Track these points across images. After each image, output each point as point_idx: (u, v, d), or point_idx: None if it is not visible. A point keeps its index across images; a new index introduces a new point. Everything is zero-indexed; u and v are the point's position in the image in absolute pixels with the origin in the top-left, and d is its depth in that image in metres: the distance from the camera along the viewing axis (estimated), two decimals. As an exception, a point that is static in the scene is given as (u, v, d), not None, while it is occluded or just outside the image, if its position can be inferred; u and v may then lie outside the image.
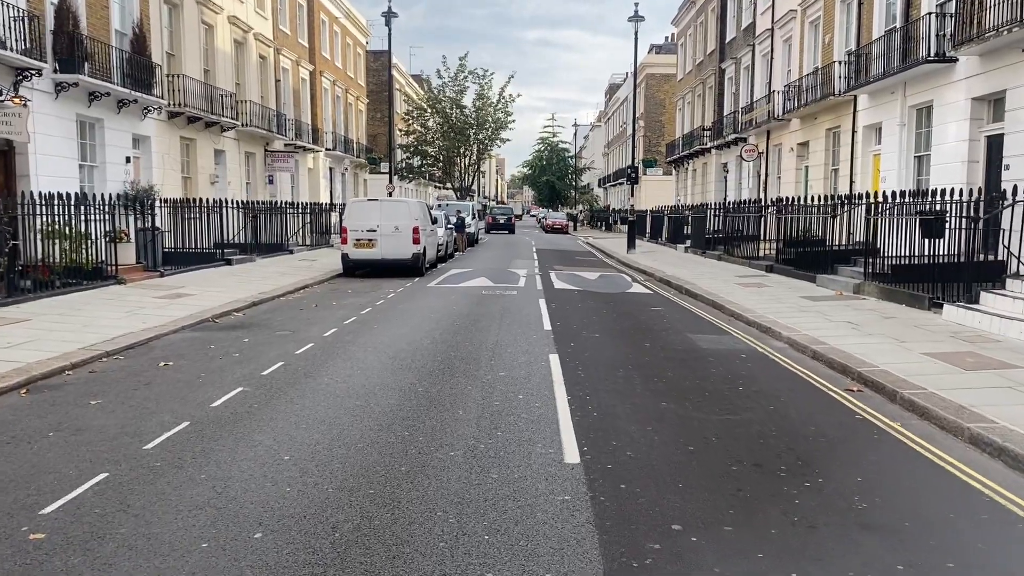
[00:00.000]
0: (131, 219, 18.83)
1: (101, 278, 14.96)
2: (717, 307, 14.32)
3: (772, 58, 29.05)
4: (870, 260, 14.89)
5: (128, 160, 20.14)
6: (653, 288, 18.22)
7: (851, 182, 21.65)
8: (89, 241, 14.92)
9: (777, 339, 10.89)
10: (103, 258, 15.49)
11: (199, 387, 7.77)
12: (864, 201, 15.67)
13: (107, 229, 16.02)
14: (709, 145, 37.19)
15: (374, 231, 19.52)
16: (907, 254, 13.87)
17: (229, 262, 20.41)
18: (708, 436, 6.28)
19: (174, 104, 22.48)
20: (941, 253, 12.67)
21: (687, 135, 42.55)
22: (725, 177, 35.74)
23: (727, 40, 36.07)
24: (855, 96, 21.41)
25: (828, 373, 8.74)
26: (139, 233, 18.78)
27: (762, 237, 21.99)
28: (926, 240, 13.25)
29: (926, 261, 13.25)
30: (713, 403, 7.34)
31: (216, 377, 8.22)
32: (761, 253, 21.73)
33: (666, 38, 64.51)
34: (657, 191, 50.67)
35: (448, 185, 57.33)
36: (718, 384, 8.13)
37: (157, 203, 19.82)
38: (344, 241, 19.78)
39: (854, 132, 21.69)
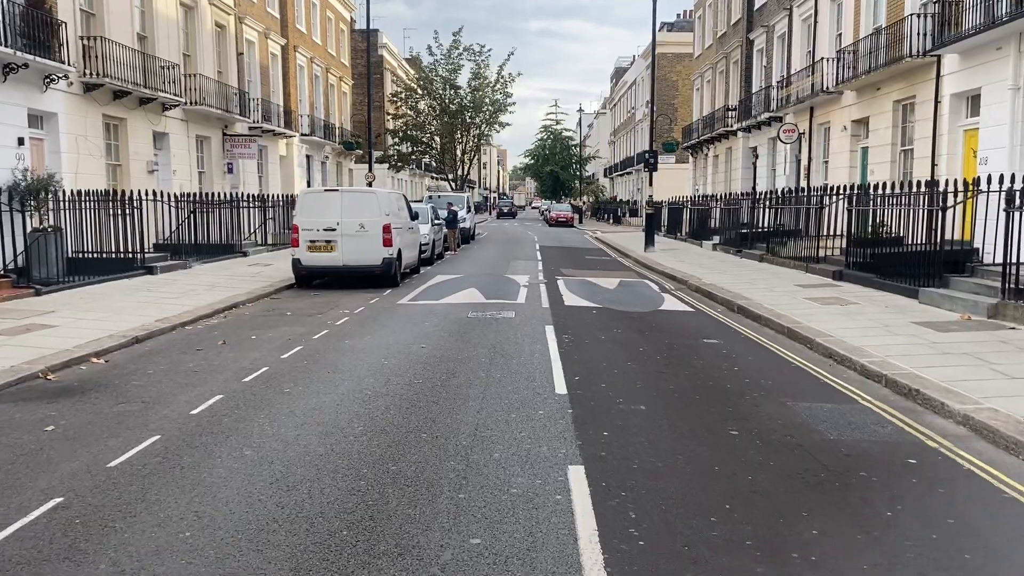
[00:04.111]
0: (21, 216, 14.71)
1: (-69, 301, 10.72)
2: (797, 338, 10.04)
3: (816, 21, 24.64)
4: (1011, 271, 10.59)
5: (21, 142, 15.84)
6: (692, 303, 13.95)
7: (932, 165, 17.27)
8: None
9: (939, 414, 6.61)
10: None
11: None
12: (998, 188, 11.34)
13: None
14: (735, 127, 32.79)
15: (333, 230, 15.23)
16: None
17: (151, 270, 16.12)
18: None
19: (92, 74, 18.15)
20: None
21: (707, 117, 38.14)
22: (754, 163, 31.31)
23: (756, 7, 31.64)
24: (939, 57, 17.06)
25: (1113, 518, 4.46)
26: (31, 235, 14.64)
27: (822, 233, 17.65)
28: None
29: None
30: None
31: None
32: (820, 253, 17.42)
33: (678, 15, 59.98)
34: (670, 180, 46.09)
35: (447, 176, 52.80)
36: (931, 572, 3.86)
37: (60, 196, 15.68)
38: (295, 243, 15.49)
39: (937, 102, 17.30)
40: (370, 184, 28.91)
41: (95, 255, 16.31)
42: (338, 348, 9.36)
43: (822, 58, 23.38)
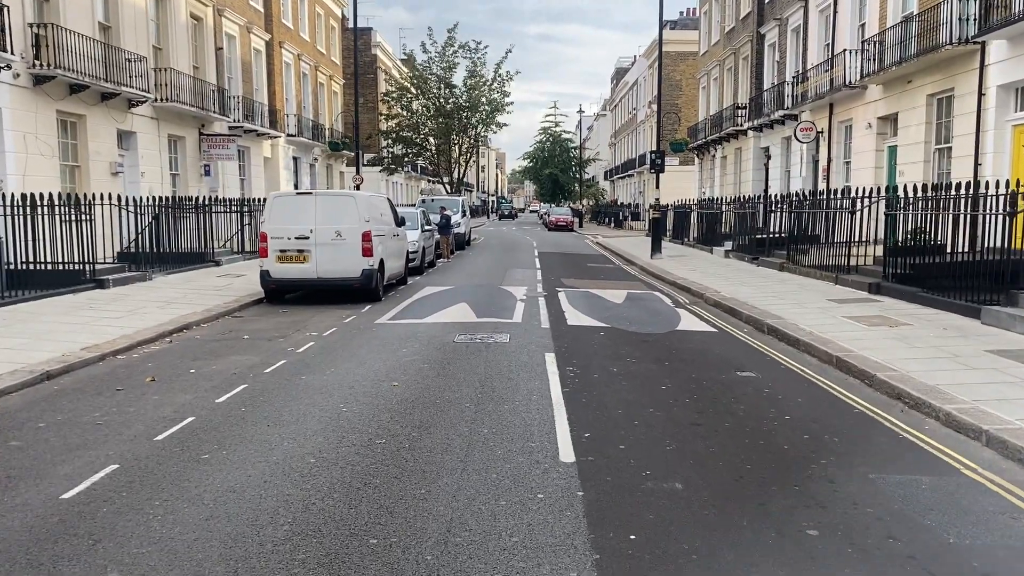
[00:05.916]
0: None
1: None
2: (850, 371, 8.28)
3: (835, 11, 22.92)
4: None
5: (-45, 140, 14.15)
6: (713, 320, 12.20)
7: (976, 164, 15.54)
8: None
9: (1082, 495, 4.86)
10: None
11: None
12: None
13: None
14: (745, 126, 31.05)
15: (306, 238, 13.48)
16: None
17: (101, 284, 14.35)
18: None
19: (43, 64, 16.41)
20: None
21: (714, 116, 36.39)
22: (766, 164, 29.63)
23: (767, -1, 29.94)
24: (983, 45, 15.35)
25: None
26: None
27: (852, 240, 15.88)
28: None
29: None
30: None
31: None
32: (852, 263, 15.66)
33: (681, 13, 58.29)
34: (674, 183, 44.25)
35: (443, 179, 50.97)
36: None
37: (2, 200, 13.90)
38: (263, 253, 13.73)
39: (980, 95, 15.57)
40: (358, 187, 27.13)
41: (45, 267, 14.52)
42: (290, 388, 7.59)
43: (843, 50, 21.64)
